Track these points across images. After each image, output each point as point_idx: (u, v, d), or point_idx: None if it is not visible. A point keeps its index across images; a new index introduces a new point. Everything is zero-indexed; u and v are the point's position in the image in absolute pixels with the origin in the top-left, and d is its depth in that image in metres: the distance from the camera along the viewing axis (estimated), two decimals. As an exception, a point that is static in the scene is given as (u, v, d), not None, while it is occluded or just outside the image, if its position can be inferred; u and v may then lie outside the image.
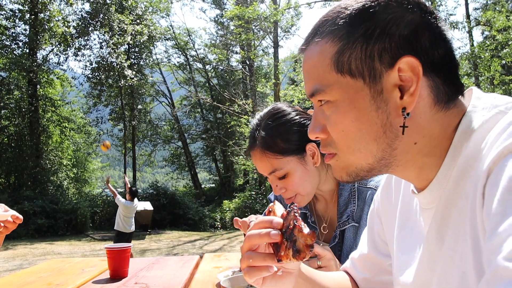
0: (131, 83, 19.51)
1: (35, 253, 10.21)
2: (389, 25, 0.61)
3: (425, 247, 0.69)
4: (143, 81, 21.59)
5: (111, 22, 18.35)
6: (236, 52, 26.07)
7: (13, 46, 17.38)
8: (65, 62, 19.22)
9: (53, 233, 14.28)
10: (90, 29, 18.94)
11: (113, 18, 18.34)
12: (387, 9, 0.62)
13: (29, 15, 17.31)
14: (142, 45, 21.06)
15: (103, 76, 19.84)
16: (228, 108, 21.10)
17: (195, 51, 25.67)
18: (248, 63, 22.91)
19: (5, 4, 17.71)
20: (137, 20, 19.80)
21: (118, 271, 1.51)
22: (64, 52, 18.92)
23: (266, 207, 1.55)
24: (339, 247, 1.30)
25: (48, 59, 18.49)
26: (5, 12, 17.12)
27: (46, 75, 17.97)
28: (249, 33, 18.62)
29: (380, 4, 0.62)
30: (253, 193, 18.38)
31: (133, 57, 21.63)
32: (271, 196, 1.72)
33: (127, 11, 19.33)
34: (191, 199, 20.40)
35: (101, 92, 21.03)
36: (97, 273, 1.61)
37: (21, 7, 17.31)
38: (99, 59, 19.74)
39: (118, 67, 18.97)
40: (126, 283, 1.43)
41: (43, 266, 1.89)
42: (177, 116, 25.94)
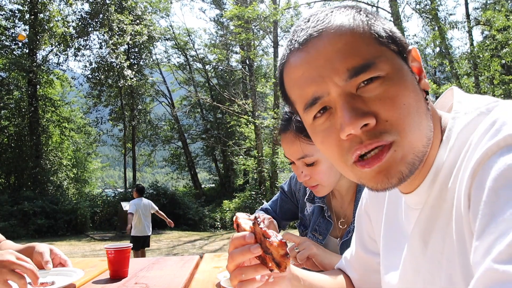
0: (130, 83, 19.51)
1: (35, 253, 10.20)
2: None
3: (408, 249, 0.68)
4: (143, 81, 21.59)
5: (111, 22, 18.34)
6: (236, 52, 26.07)
7: (13, 46, 17.39)
8: (64, 62, 19.25)
9: (53, 233, 14.28)
10: (89, 29, 18.93)
11: (112, 18, 18.33)
12: None
13: (28, 15, 17.30)
14: (141, 45, 21.05)
15: (103, 76, 19.84)
16: (228, 108, 21.09)
17: (195, 51, 25.67)
18: (248, 63, 22.90)
19: (4, 4, 17.73)
20: (136, 20, 19.78)
21: (118, 271, 1.50)
22: (63, 53, 18.94)
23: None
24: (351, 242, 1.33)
25: (48, 59, 18.52)
26: (5, 12, 17.13)
27: (46, 75, 17.97)
28: (249, 33, 18.62)
29: None
30: (253, 193, 18.38)
31: (133, 57, 21.63)
32: (284, 185, 1.72)
33: (126, 11, 19.32)
34: (191, 199, 20.40)
35: (100, 92, 21.02)
36: (97, 273, 1.61)
37: (20, 7, 17.32)
38: (98, 59, 19.75)
39: (118, 67, 18.97)
40: (126, 283, 1.43)
41: (43, 267, 1.88)
42: (177, 116, 25.93)
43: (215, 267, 1.73)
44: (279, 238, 0.66)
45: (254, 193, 18.31)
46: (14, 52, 17.33)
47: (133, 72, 19.71)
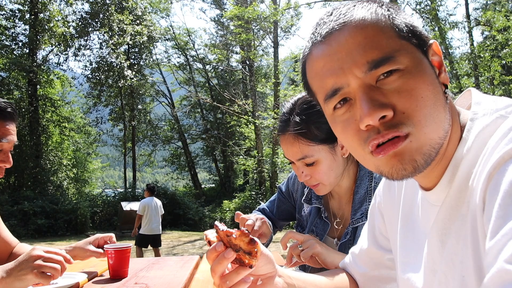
0: (130, 83, 19.51)
1: (35, 253, 10.20)
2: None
3: (428, 248, 0.69)
4: (143, 81, 21.59)
5: (111, 22, 18.35)
6: (236, 52, 26.05)
7: (13, 46, 17.39)
8: (65, 62, 19.20)
9: (53, 233, 14.28)
10: (89, 29, 18.94)
11: (112, 18, 18.34)
12: None
13: (29, 15, 17.29)
14: (142, 45, 21.05)
15: (103, 76, 19.85)
16: (228, 108, 21.09)
17: (195, 51, 25.67)
18: (248, 63, 22.87)
19: (5, 4, 17.73)
20: (136, 21, 19.79)
21: (118, 271, 1.50)
22: (64, 52, 18.93)
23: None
24: (350, 244, 1.31)
25: (48, 59, 18.51)
26: (5, 12, 17.12)
27: (46, 75, 17.96)
28: (249, 33, 18.61)
29: None
30: (253, 193, 18.38)
31: (133, 57, 21.63)
32: (282, 185, 1.72)
33: (126, 11, 19.31)
34: (191, 199, 20.41)
35: (101, 92, 21.02)
36: (97, 273, 1.61)
37: (21, 7, 17.31)
38: (98, 59, 19.76)
39: (118, 67, 18.97)
40: (126, 283, 1.43)
41: (43, 266, 1.88)
42: (177, 116, 25.93)
43: (215, 267, 1.73)
44: (234, 231, 0.68)
45: (254, 193, 18.30)
46: (14, 52, 17.33)
47: (133, 72, 19.72)
